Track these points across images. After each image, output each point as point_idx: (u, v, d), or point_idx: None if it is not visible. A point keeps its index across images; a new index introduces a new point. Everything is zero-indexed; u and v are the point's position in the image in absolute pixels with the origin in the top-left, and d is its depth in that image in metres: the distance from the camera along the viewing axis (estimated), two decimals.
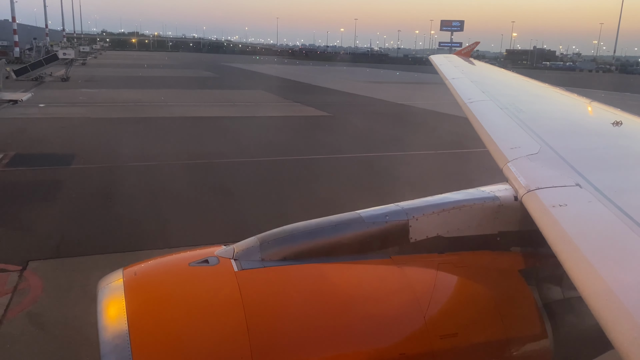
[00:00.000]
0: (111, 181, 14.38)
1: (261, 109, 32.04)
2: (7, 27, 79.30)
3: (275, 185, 14.63)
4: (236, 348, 2.13)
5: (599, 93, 52.19)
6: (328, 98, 39.92)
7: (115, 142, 19.67)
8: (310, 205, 12.74)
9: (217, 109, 31.67)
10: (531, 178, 2.69)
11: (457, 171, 16.25)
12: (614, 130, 3.87)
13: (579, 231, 2.12)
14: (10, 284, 8.03)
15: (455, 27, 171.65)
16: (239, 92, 43.19)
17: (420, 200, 2.84)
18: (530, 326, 2.66)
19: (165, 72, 68.49)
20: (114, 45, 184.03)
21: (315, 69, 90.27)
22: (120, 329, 2.09)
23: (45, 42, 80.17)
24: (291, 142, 21.30)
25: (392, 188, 14.42)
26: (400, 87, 57.68)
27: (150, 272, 2.46)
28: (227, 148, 19.48)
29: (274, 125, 26.09)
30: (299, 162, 17.80)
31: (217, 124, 25.77)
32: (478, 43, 16.84)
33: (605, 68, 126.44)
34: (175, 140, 20.77)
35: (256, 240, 2.53)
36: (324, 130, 24.82)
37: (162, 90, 41.17)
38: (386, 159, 18.56)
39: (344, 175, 16.00)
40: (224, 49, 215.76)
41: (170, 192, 13.57)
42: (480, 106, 4.74)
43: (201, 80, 56.76)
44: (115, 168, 15.80)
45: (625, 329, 1.58)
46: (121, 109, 29.52)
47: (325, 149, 20.08)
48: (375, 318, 2.36)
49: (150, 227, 10.82)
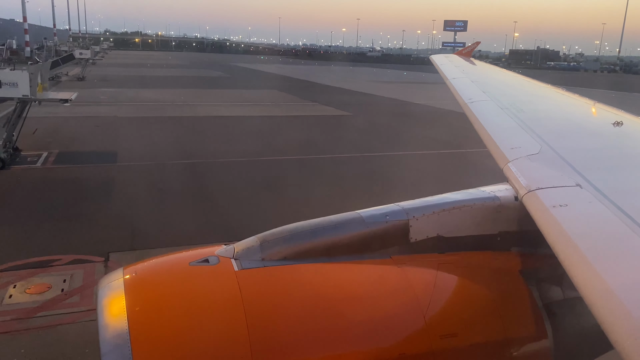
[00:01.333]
0: (161, 178, 14.88)
1: (282, 108, 32.55)
2: (16, 27, 79.76)
3: (335, 181, 15.10)
4: (236, 347, 2.14)
5: (609, 93, 52.68)
6: (343, 98, 40.42)
7: (150, 141, 20.17)
8: (384, 200, 13.22)
9: (239, 108, 32.17)
10: (532, 178, 2.69)
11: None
12: (615, 130, 3.86)
13: (579, 231, 2.13)
14: (99, 274, 8.51)
15: (458, 27, 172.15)
16: (254, 92, 43.69)
17: (421, 200, 2.85)
18: (530, 326, 2.67)
19: (176, 72, 68.97)
20: (118, 45, 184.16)
21: (322, 69, 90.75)
22: (120, 328, 2.10)
23: (54, 42, 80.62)
24: (323, 141, 21.78)
25: (444, 184, 14.89)
26: (412, 87, 58.15)
27: (150, 272, 2.47)
28: (264, 147, 19.96)
29: (300, 124, 26.60)
30: (339, 160, 18.27)
31: (244, 123, 26.23)
32: (479, 43, 17.12)
33: (609, 68, 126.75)
34: (209, 139, 21.28)
35: (256, 239, 2.53)
36: (350, 130, 25.31)
37: (179, 90, 41.64)
38: (425, 158, 19.06)
39: (392, 173, 16.47)
40: (228, 48, 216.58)
41: (228, 188, 14.09)
42: (480, 106, 4.73)
43: (214, 80, 57.27)
44: (161, 165, 16.31)
45: (626, 329, 1.58)
46: (145, 108, 30.00)
47: (358, 148, 20.54)
48: (375, 318, 2.37)
49: (215, 220, 11.32)
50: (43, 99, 15.89)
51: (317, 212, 3.04)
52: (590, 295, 1.76)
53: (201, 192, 13.80)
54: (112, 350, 2.05)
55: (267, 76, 66.53)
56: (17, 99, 15.01)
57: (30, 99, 15.08)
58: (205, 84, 50.65)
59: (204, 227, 10.86)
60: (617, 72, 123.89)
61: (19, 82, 14.62)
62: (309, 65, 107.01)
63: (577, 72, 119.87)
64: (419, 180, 15.33)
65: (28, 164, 15.83)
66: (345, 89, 49.61)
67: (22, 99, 15.02)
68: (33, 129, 17.49)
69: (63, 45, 78.70)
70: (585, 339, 2.70)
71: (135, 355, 2.03)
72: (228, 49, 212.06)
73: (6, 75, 14.64)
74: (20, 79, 14.66)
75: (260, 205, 12.66)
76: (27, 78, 14.70)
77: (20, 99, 14.99)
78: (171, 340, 2.12)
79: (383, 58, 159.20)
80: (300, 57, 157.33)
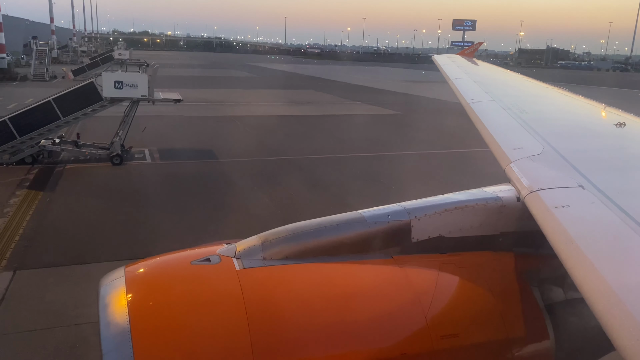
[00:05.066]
0: (272, 172, 15.91)
1: (331, 107, 33.58)
2: (43, 29, 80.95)
3: (446, 176, 16.09)
4: (237, 346, 2.15)
5: (636, 93, 53.49)
6: (381, 97, 41.33)
7: (234, 139, 21.24)
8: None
9: (291, 108, 33.19)
10: (534, 179, 2.69)
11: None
12: (618, 131, 3.85)
13: (581, 232, 2.12)
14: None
15: (467, 27, 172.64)
16: (293, 92, 44.64)
17: (422, 201, 2.87)
18: (532, 327, 2.67)
19: (201, 72, 69.89)
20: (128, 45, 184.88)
21: (339, 69, 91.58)
22: (122, 326, 2.12)
23: (73, 42, 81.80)
24: (399, 138, 22.75)
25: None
26: (442, 86, 58.95)
27: (152, 270, 2.49)
28: (343, 144, 21.01)
29: (359, 123, 27.55)
30: (420, 156, 19.24)
31: (307, 122, 27.32)
32: (482, 43, 17.74)
33: (622, 67, 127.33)
34: (285, 137, 22.32)
35: (258, 239, 2.56)
36: (413, 128, 26.25)
37: (219, 90, 42.65)
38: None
39: (477, 168, 17.46)
40: (237, 48, 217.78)
41: (338, 181, 15.09)
42: (483, 106, 4.73)
43: (244, 80, 58.25)
44: (263, 162, 17.39)
45: (628, 331, 1.58)
46: (202, 108, 30.99)
47: (434, 145, 21.53)
48: (377, 318, 2.38)
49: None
50: (158, 100, 16.91)
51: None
52: (592, 296, 1.76)
53: (317, 184, 14.80)
54: (113, 349, 2.07)
55: (291, 76, 67.47)
56: (136, 99, 16.05)
57: (148, 99, 16.12)
58: (239, 84, 51.66)
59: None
60: (629, 70, 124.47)
61: (138, 83, 15.68)
62: (323, 65, 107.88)
63: (591, 71, 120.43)
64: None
65: (137, 159, 16.89)
66: (376, 88, 50.54)
67: (141, 99, 16.07)
68: (142, 127, 18.52)
69: (81, 45, 79.88)
70: (587, 340, 2.70)
71: (137, 353, 2.05)
72: (238, 49, 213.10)
73: (128, 77, 15.71)
74: (139, 80, 15.73)
75: (378, 196, 13.67)
76: (146, 80, 15.77)
77: (139, 99, 16.04)
78: (172, 338, 2.14)
79: (390, 57, 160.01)
80: (310, 57, 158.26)
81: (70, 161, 16.32)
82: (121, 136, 16.35)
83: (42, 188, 13.65)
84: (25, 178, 14.36)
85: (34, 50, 48.66)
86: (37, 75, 45.10)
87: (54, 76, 46.50)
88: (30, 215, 11.32)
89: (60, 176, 14.82)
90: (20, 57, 61.73)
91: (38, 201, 12.40)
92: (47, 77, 45.25)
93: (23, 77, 44.58)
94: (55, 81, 44.30)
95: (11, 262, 8.96)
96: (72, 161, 16.34)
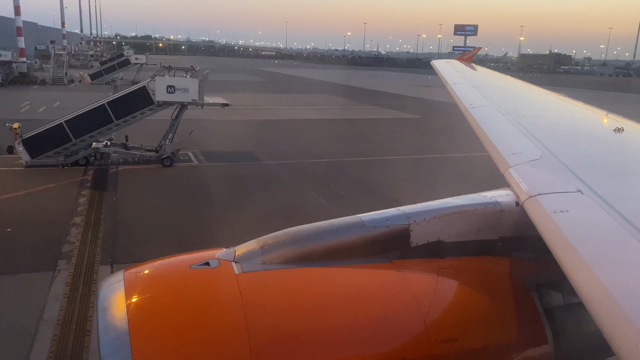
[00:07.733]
0: (317, 173, 16.44)
1: (350, 111, 34.19)
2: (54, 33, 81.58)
3: (485, 178, 16.63)
4: (236, 350, 2.16)
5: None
6: (396, 101, 41.88)
7: (270, 141, 21.86)
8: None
9: (314, 112, 33.72)
10: (533, 184, 2.70)
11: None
12: (616, 137, 3.85)
13: (580, 237, 2.12)
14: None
15: (469, 32, 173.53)
16: (310, 97, 45.23)
17: (422, 205, 2.90)
18: (531, 332, 2.67)
19: (215, 76, 70.18)
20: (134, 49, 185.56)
21: (347, 73, 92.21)
22: (120, 330, 2.13)
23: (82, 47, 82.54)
24: (422, 142, 23.30)
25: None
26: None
27: (151, 274, 2.49)
28: (376, 147, 21.59)
29: (384, 126, 28.12)
30: (455, 160, 19.79)
31: (335, 126, 27.89)
32: (480, 48, 18.24)
33: (624, 72, 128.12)
34: (320, 140, 22.89)
35: (257, 243, 2.57)
36: (435, 131, 26.76)
37: (239, 94, 43.07)
38: None
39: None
40: (240, 52, 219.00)
41: (382, 183, 15.60)
42: (482, 111, 4.73)
43: (259, 84, 58.73)
44: (305, 164, 17.94)
45: (627, 336, 1.58)
46: (227, 112, 31.31)
47: (462, 149, 22.04)
48: (376, 322, 2.39)
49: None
50: (207, 104, 17.46)
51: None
52: (591, 301, 1.76)
53: (364, 185, 15.34)
54: (112, 352, 2.08)
55: (303, 81, 68.09)
56: (187, 103, 16.60)
57: (198, 103, 16.67)
58: (256, 88, 52.11)
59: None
60: (631, 76, 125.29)
61: (189, 88, 16.24)
62: (329, 69, 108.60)
63: (594, 76, 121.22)
64: None
65: (184, 162, 17.43)
66: (389, 92, 51.16)
67: (192, 103, 16.62)
68: (189, 131, 19.10)
69: (90, 49, 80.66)
70: (586, 344, 2.73)
71: (135, 357, 2.06)
72: (240, 53, 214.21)
73: (180, 82, 16.26)
74: (191, 85, 16.29)
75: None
76: (196, 85, 16.32)
77: (190, 103, 16.59)
78: (171, 342, 2.14)
79: (391, 62, 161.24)
80: (312, 61, 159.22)
81: (119, 163, 16.87)
82: (170, 139, 16.89)
83: (103, 188, 14.20)
84: (85, 179, 14.92)
85: (52, 54, 49.23)
86: (56, 79, 45.67)
87: (72, 80, 47.11)
88: (103, 214, 11.87)
89: (117, 177, 15.37)
90: (33, 60, 62.34)
91: (104, 200, 12.96)
92: (66, 81, 45.83)
93: (42, 80, 45.14)
94: (73, 85, 44.88)
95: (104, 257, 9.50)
96: (122, 163, 16.89)
